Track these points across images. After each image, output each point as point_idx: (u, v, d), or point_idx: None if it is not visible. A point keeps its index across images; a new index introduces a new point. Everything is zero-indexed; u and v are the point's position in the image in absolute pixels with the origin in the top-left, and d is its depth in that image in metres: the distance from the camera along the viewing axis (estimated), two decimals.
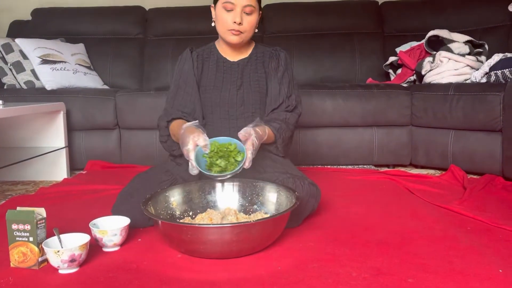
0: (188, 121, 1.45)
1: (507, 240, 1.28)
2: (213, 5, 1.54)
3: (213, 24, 1.56)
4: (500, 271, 1.07)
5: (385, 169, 2.38)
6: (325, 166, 2.45)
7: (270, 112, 1.57)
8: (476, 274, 1.06)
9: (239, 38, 1.51)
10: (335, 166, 2.45)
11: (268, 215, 1.35)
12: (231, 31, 1.49)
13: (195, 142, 1.29)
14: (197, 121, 1.39)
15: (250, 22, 1.49)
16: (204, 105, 1.58)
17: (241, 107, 1.57)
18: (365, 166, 2.47)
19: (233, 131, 1.53)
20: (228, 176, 1.31)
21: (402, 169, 2.38)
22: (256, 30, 1.55)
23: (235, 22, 1.47)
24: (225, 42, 1.58)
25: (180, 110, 1.56)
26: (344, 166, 2.45)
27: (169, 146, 1.55)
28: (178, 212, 1.39)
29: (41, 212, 1.16)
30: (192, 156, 1.28)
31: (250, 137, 1.32)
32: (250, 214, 1.40)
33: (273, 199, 1.39)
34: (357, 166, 2.47)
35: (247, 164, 1.29)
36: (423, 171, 2.32)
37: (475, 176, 2.12)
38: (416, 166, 2.44)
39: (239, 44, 1.55)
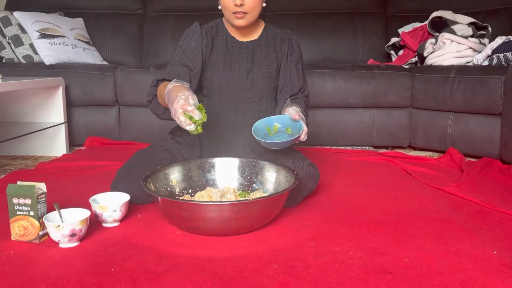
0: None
1: (502, 223, 1.30)
2: None
3: (219, 7, 1.49)
4: (495, 252, 1.09)
5: (384, 150, 2.39)
6: (324, 147, 2.45)
7: (289, 98, 1.53)
8: (470, 255, 1.07)
9: (245, 20, 1.45)
10: (333, 147, 2.45)
11: (267, 194, 1.36)
12: (235, 15, 1.44)
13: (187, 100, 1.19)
14: (188, 84, 1.31)
15: (252, 0, 1.42)
16: (211, 87, 1.53)
17: (250, 91, 1.54)
18: (363, 147, 2.48)
19: (239, 114, 1.52)
20: (284, 146, 1.34)
21: (401, 151, 2.39)
22: (264, 5, 1.48)
23: (236, 5, 1.41)
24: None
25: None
26: (342, 147, 2.46)
27: (154, 107, 1.45)
28: (177, 190, 1.40)
29: (42, 186, 1.16)
30: (182, 117, 1.18)
31: (300, 114, 1.37)
32: (249, 193, 1.41)
33: (272, 179, 1.40)
34: (355, 147, 2.48)
35: (303, 137, 1.33)
36: (422, 153, 2.32)
37: (473, 159, 2.13)
38: (414, 148, 2.45)
39: (246, 26, 1.48)
